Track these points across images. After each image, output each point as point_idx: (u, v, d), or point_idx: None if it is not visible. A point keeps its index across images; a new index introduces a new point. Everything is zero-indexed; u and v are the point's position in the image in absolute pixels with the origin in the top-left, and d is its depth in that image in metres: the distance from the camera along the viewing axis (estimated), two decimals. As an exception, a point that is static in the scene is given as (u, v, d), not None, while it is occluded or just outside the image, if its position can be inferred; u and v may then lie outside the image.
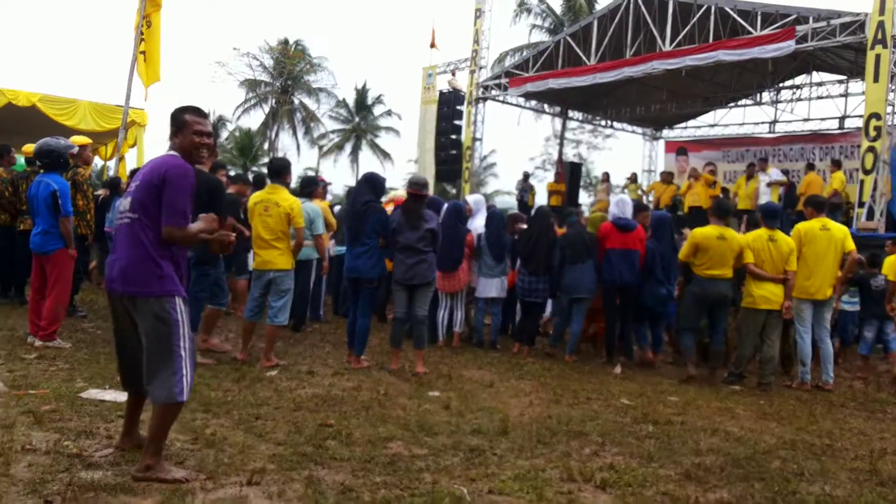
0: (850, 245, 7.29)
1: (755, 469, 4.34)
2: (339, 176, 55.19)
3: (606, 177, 20.32)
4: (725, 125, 23.23)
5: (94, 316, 8.29)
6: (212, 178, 6.27)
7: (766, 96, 21.62)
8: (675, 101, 21.14)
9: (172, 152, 3.63)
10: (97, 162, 18.31)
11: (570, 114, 23.78)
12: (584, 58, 17.46)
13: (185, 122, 3.62)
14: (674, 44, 15.65)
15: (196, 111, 3.71)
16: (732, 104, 22.28)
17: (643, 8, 16.19)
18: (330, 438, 4.30)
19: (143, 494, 3.21)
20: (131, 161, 14.78)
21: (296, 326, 8.33)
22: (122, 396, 4.77)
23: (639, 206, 8.56)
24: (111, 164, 15.11)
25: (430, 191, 8.30)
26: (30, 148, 7.88)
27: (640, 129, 25.18)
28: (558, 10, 29.81)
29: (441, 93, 21.51)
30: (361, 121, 47.65)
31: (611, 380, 7.09)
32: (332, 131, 47.40)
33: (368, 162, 47.34)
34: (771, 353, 7.19)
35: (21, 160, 9.53)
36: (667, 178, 17.09)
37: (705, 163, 16.73)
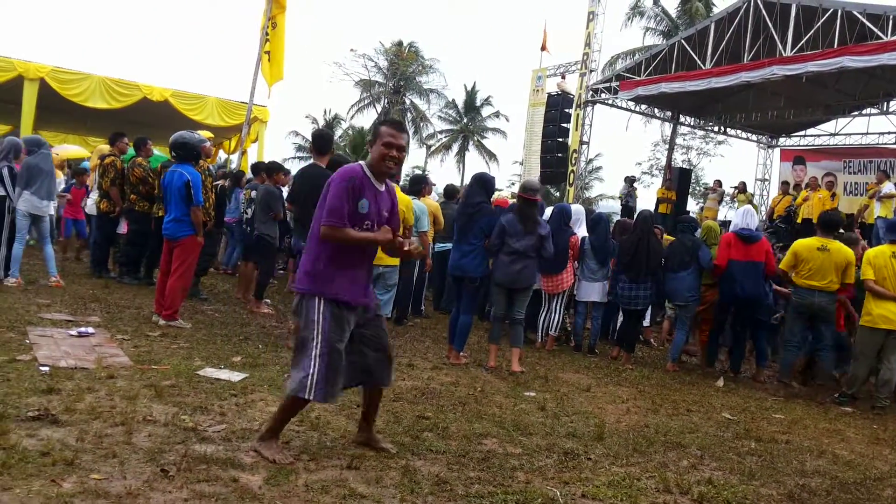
0: None
1: (864, 495, 4.14)
2: (446, 175, 55.81)
3: (717, 185, 19.65)
4: (847, 134, 21.95)
5: (213, 300, 8.79)
6: (328, 172, 6.54)
7: (893, 105, 20.28)
8: (794, 109, 20.13)
9: (362, 161, 3.80)
10: (221, 155, 19.31)
11: (682, 119, 23.14)
12: (698, 62, 16.98)
13: (380, 132, 3.74)
14: (795, 49, 14.96)
15: (392, 123, 3.80)
16: (856, 113, 21.00)
17: (763, 11, 15.56)
18: (427, 430, 4.41)
19: (252, 470, 3.41)
20: (253, 156, 15.49)
21: (398, 320, 8.54)
22: (235, 376, 5.09)
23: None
24: (234, 157, 15.90)
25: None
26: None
27: (754, 137, 24.21)
28: (673, 13, 29.08)
29: (549, 95, 21.41)
30: (469, 122, 48.04)
31: (712, 392, 6.90)
32: (441, 131, 48.07)
33: (475, 162, 47.72)
34: (889, 376, 6.79)
35: (155, 152, 10.17)
36: (784, 187, 16.37)
37: (824, 173, 15.92)
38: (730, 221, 17.19)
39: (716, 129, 24.33)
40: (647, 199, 25.72)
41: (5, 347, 5.18)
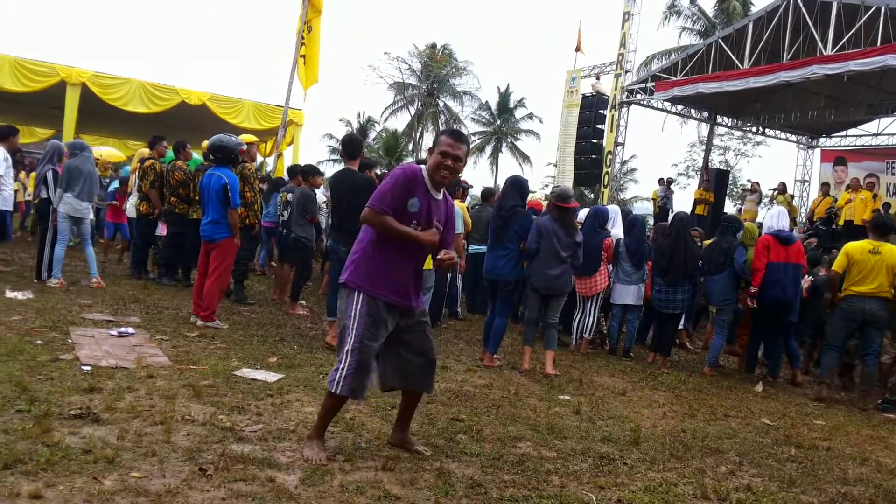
0: None
1: (910, 505, 4.04)
2: (479, 178, 55.77)
3: (756, 186, 19.31)
4: (890, 134, 21.43)
5: (249, 299, 8.87)
6: (363, 176, 6.60)
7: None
8: (835, 108, 19.73)
9: (423, 166, 3.82)
10: (257, 158, 19.53)
11: (719, 119, 22.82)
12: (736, 61, 16.74)
13: (439, 141, 3.77)
14: (836, 48, 14.67)
15: (451, 133, 3.82)
16: (901, 112, 20.51)
17: (803, 10, 15.28)
18: (461, 433, 4.41)
19: (288, 470, 3.44)
20: (288, 158, 15.64)
21: (431, 322, 8.53)
22: (271, 377, 5.14)
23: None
24: (270, 160, 16.07)
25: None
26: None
27: (794, 137, 23.79)
28: (710, 12, 28.72)
29: (584, 96, 21.29)
30: (503, 123, 47.95)
31: (751, 397, 6.79)
32: (474, 133, 48.00)
33: (508, 164, 47.64)
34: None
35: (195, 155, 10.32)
36: (825, 189, 16.04)
37: (866, 174, 15.58)
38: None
39: (754, 129, 23.95)
40: (683, 201, 25.38)
41: (48, 347, 5.30)
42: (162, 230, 9.69)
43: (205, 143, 8.49)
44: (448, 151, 3.70)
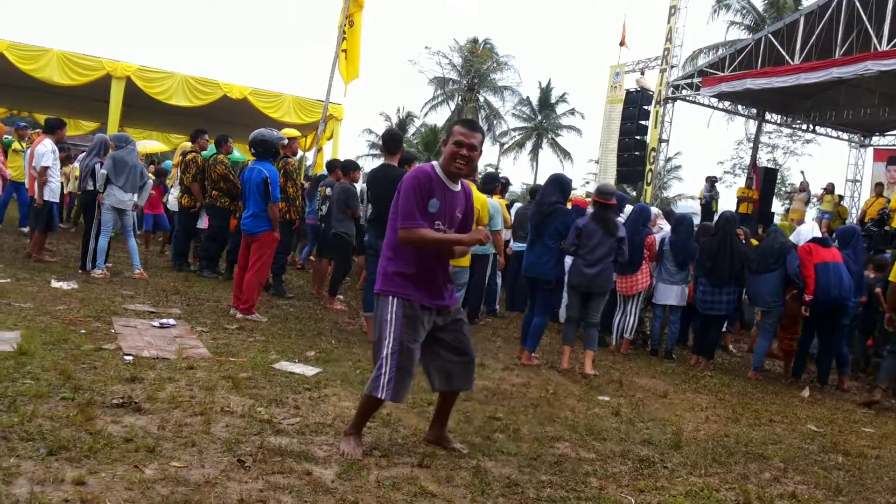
0: None
1: (966, 519, 3.88)
2: (518, 174, 55.57)
3: (804, 185, 18.84)
4: (946, 133, 20.77)
5: (288, 293, 8.94)
6: (402, 171, 6.56)
7: None
8: (889, 106, 19.12)
9: (435, 161, 3.78)
10: (298, 153, 19.69)
11: (767, 116, 22.33)
12: (786, 57, 16.34)
13: (452, 131, 3.72)
14: (891, 43, 14.22)
15: (465, 123, 3.77)
16: (959, 110, 19.82)
17: (858, 4, 14.84)
18: (498, 432, 4.37)
19: (325, 464, 3.44)
20: (328, 153, 15.75)
21: (469, 319, 8.49)
22: (309, 371, 5.16)
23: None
24: (309, 155, 16.19)
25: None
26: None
27: (845, 135, 23.18)
28: (760, 6, 28.09)
29: (628, 92, 21.02)
30: (544, 119, 47.63)
31: (797, 402, 6.61)
32: (514, 129, 47.81)
33: (548, 160, 47.41)
34: None
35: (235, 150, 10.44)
36: (879, 189, 15.57)
37: (921, 174, 15.08)
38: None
39: (804, 127, 23.39)
40: (728, 199, 24.87)
41: (92, 336, 5.39)
42: (203, 223, 9.82)
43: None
44: (462, 141, 3.64)
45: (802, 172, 18.82)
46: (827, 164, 59.50)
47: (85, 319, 5.93)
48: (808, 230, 7.88)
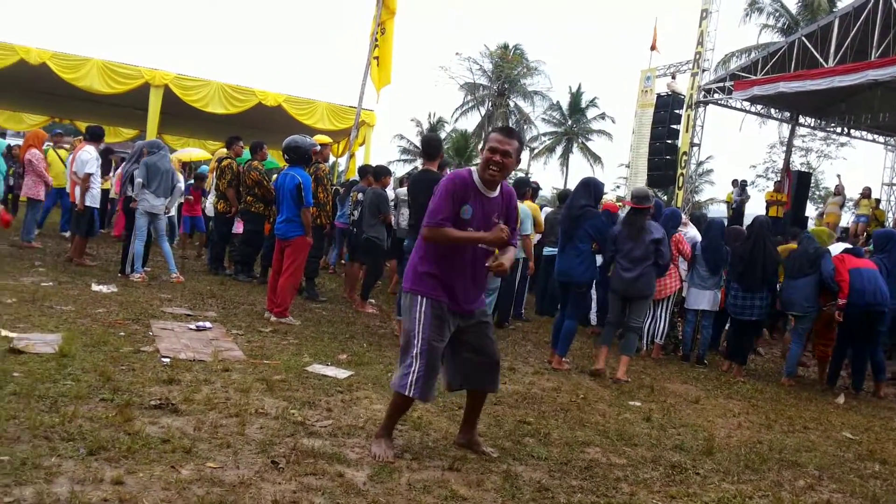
0: None
1: None
2: (549, 179, 55.35)
3: (840, 189, 18.52)
4: None
5: (320, 297, 9.03)
6: (440, 176, 6.62)
7: None
8: (926, 109, 18.78)
9: (473, 167, 3.81)
10: (330, 158, 19.87)
11: (801, 119, 21.99)
12: (820, 60, 16.10)
13: (489, 137, 3.74)
14: (930, 45, 13.94)
15: (501, 130, 3.78)
16: None
17: (894, 5, 14.56)
18: (528, 436, 4.38)
19: (357, 466, 3.48)
20: (360, 158, 15.89)
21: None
22: (341, 373, 5.21)
23: None
24: (342, 160, 16.33)
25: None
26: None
27: (881, 138, 22.72)
28: (793, 8, 27.70)
29: (659, 96, 20.88)
30: (574, 123, 47.44)
31: (831, 409, 6.51)
32: (544, 133, 47.71)
33: (579, 165, 47.20)
34: None
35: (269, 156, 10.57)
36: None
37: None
38: (847, 229, 16.22)
39: (838, 130, 23.00)
40: (760, 204, 24.46)
41: (131, 339, 5.51)
42: (238, 228, 9.96)
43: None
44: (496, 147, 3.65)
45: (839, 176, 18.52)
46: (862, 167, 58.43)
47: (124, 322, 6.07)
48: (837, 248, 7.84)
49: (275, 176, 8.45)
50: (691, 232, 8.32)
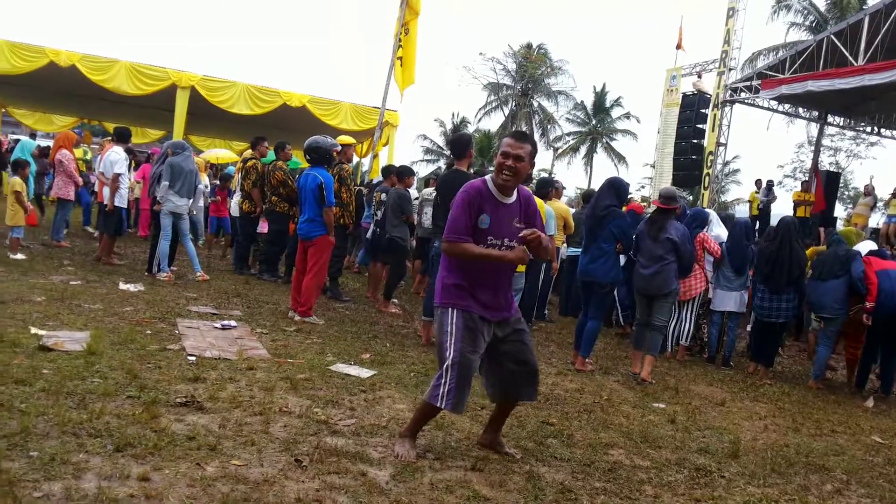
0: None
1: None
2: (573, 178, 55.15)
3: (869, 189, 18.19)
4: None
5: (344, 296, 9.06)
6: (470, 176, 6.61)
7: None
8: (958, 107, 18.40)
9: (489, 175, 3.78)
10: (353, 159, 19.95)
11: (830, 118, 21.67)
12: (850, 58, 15.84)
13: (502, 143, 3.75)
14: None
15: (514, 134, 3.77)
16: None
17: (927, 2, 14.30)
18: (551, 437, 4.36)
19: (379, 465, 3.49)
20: (383, 158, 15.92)
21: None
22: (364, 373, 5.23)
23: None
24: (366, 161, 16.38)
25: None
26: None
27: (912, 138, 22.33)
28: (822, 6, 27.32)
29: (684, 95, 20.70)
30: (598, 123, 47.19)
31: (860, 413, 6.41)
32: (568, 133, 47.50)
33: (603, 165, 46.98)
34: None
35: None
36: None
37: None
38: (877, 230, 15.94)
39: (868, 129, 22.63)
40: (785, 203, 24.18)
41: (157, 337, 5.58)
42: (263, 228, 10.03)
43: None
44: (508, 152, 3.64)
45: (871, 177, 18.24)
46: (893, 167, 57.45)
47: (150, 321, 6.14)
48: (864, 247, 7.71)
49: (297, 176, 8.50)
50: (716, 230, 8.22)
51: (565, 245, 9.74)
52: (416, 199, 10.36)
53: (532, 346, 3.92)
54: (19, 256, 8.69)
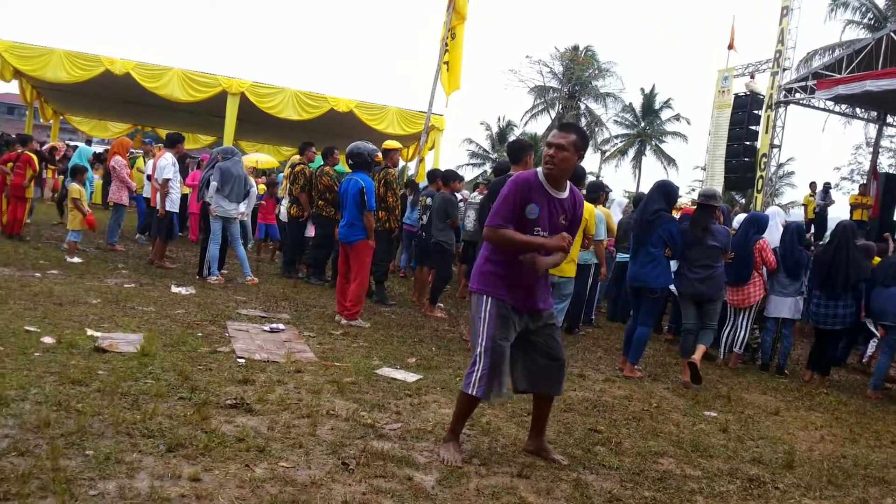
0: None
1: None
2: (621, 182, 54.56)
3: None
4: None
5: (390, 300, 9.10)
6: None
7: None
8: None
9: (540, 168, 3.79)
10: (399, 163, 20.05)
11: (889, 119, 20.99)
12: (911, 56, 15.33)
13: (548, 136, 3.79)
14: None
15: (559, 125, 3.80)
16: None
17: None
18: (599, 444, 4.30)
19: (426, 470, 3.49)
20: (429, 162, 15.97)
21: (569, 329, 8.42)
22: (410, 377, 5.24)
23: None
24: (412, 165, 16.45)
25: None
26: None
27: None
28: (881, 3, 26.48)
29: (737, 96, 20.28)
30: (647, 125, 46.56)
31: (924, 425, 6.17)
32: (616, 136, 46.96)
33: (652, 168, 46.36)
34: None
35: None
36: None
37: None
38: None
39: (930, 129, 21.86)
40: (842, 207, 23.47)
41: (208, 339, 5.68)
42: (310, 232, 10.14)
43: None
44: (551, 141, 3.66)
45: None
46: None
47: (201, 323, 6.26)
48: None
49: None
50: (775, 234, 8.01)
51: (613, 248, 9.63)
52: (461, 201, 10.36)
53: (560, 340, 3.92)
54: (76, 260, 8.96)
